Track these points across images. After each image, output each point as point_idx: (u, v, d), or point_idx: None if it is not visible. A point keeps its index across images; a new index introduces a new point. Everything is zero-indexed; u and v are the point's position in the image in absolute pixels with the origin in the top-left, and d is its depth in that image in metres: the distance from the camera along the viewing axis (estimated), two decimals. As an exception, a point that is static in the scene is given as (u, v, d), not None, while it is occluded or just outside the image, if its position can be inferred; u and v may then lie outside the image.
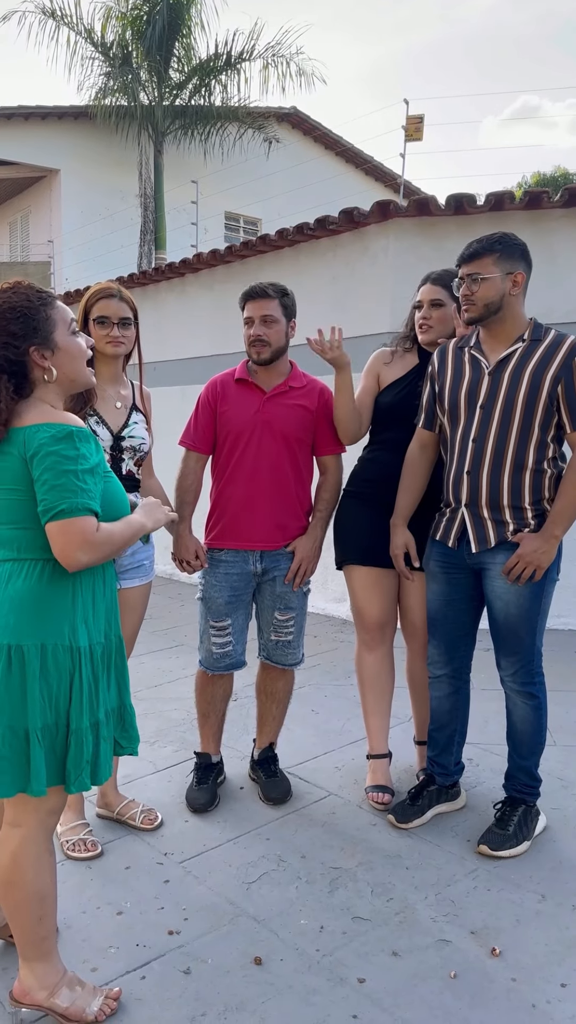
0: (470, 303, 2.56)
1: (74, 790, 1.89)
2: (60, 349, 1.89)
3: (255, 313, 2.85)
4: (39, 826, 1.94)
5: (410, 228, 5.18)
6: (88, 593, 1.93)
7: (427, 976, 2.15)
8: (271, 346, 2.84)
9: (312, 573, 2.97)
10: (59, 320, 1.90)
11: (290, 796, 3.08)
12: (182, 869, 2.65)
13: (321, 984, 2.12)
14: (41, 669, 1.82)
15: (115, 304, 2.74)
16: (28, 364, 1.85)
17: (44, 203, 17.45)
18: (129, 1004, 2.05)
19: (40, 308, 1.87)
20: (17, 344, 1.82)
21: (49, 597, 1.85)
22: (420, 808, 2.88)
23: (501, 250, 2.53)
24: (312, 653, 4.95)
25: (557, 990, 2.10)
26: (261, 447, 2.87)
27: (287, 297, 2.89)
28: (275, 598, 2.96)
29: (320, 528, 3.00)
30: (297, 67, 15.88)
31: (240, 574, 2.93)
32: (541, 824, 2.82)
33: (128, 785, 3.20)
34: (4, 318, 1.82)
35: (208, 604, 2.99)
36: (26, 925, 1.95)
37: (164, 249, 15.77)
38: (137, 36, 15.38)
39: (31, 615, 1.82)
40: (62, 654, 1.85)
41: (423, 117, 6.71)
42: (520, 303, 2.60)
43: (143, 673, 4.55)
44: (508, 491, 2.58)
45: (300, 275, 6.02)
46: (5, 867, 1.92)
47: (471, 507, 2.65)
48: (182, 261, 6.83)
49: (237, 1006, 2.05)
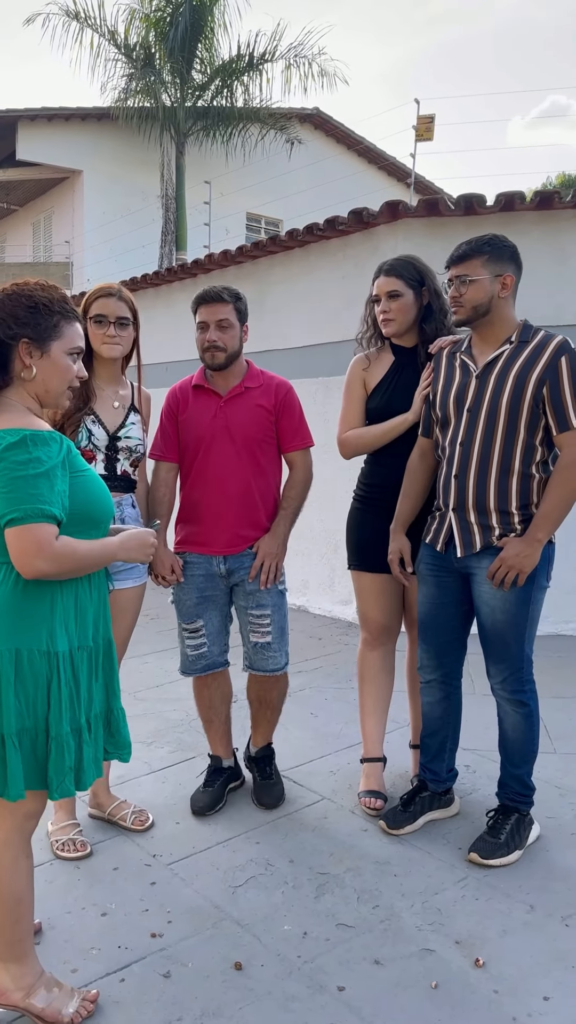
0: (458, 305, 2.54)
1: (56, 796, 1.88)
2: (50, 358, 1.88)
3: (209, 318, 2.80)
4: (16, 830, 1.93)
5: (419, 228, 5.15)
6: (70, 597, 1.91)
7: (408, 985, 2.12)
8: (226, 351, 2.81)
9: (277, 571, 2.89)
10: (66, 336, 1.90)
11: (283, 800, 3.05)
12: (170, 871, 2.64)
13: (301, 991, 2.10)
14: (16, 674, 1.81)
15: (113, 303, 2.72)
16: (12, 354, 1.85)
17: (67, 204, 17.56)
18: (106, 1007, 2.05)
19: (55, 314, 1.87)
20: (12, 328, 1.82)
21: (24, 602, 1.83)
22: (412, 814, 2.85)
23: (490, 252, 2.50)
24: (315, 655, 4.93)
25: (539, 1003, 2.06)
26: (220, 452, 2.84)
27: (240, 301, 2.86)
28: (247, 597, 2.91)
29: (284, 525, 2.92)
30: (319, 68, 15.88)
31: (205, 575, 2.91)
32: (534, 834, 2.78)
33: (122, 785, 3.19)
34: (15, 302, 1.84)
35: (179, 606, 2.98)
36: (2, 926, 1.94)
37: (185, 249, 15.82)
38: (160, 38, 15.43)
39: (7, 619, 1.81)
40: (38, 659, 1.83)
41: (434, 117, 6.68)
42: (510, 305, 2.57)
43: (146, 673, 4.55)
44: (495, 495, 2.54)
45: (311, 274, 6.01)
46: None
47: (458, 511, 2.62)
48: (194, 262, 6.85)
49: (214, 1011, 2.03)
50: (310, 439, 2.97)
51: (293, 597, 6.13)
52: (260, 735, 3.17)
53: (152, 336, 7.62)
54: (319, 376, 5.89)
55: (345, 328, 5.49)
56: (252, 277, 6.47)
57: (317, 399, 5.69)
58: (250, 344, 3.02)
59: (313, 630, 5.53)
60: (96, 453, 2.68)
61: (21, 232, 19.49)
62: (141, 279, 7.55)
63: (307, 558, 5.99)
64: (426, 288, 2.90)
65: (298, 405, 2.95)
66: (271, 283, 6.37)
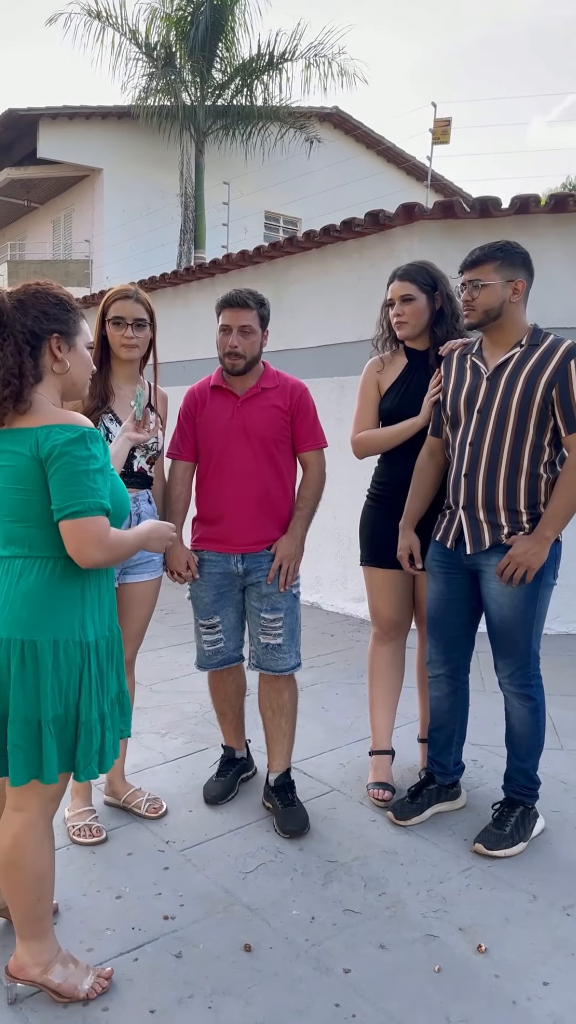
0: (471, 308, 2.60)
1: (83, 778, 1.97)
2: (76, 352, 1.99)
3: (233, 322, 2.83)
4: (41, 811, 2.01)
5: (435, 230, 5.20)
6: (95, 589, 2.01)
7: (412, 969, 2.19)
8: (246, 358, 2.85)
9: (295, 572, 2.93)
10: (83, 331, 2.02)
11: (308, 828, 2.88)
12: (182, 857, 2.71)
13: (307, 973, 2.17)
14: (53, 663, 1.90)
15: (131, 305, 2.80)
16: (43, 348, 1.93)
17: (87, 202, 17.69)
18: (120, 984, 2.12)
19: (75, 310, 2.00)
20: (45, 323, 1.91)
21: (60, 594, 1.92)
22: (419, 806, 2.91)
23: (502, 258, 2.56)
24: (328, 651, 5.00)
25: (539, 988, 2.12)
26: (237, 452, 2.88)
27: (264, 307, 2.89)
28: (261, 599, 2.92)
29: (301, 526, 2.96)
30: (339, 67, 15.91)
31: (223, 573, 2.95)
32: (539, 827, 2.84)
33: (137, 774, 3.28)
34: (44, 300, 1.93)
35: (196, 603, 3.02)
36: (24, 905, 2.02)
37: (203, 248, 15.90)
38: (181, 37, 15.51)
39: (43, 611, 1.90)
40: (72, 649, 1.92)
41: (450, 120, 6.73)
42: (520, 310, 2.63)
43: (160, 666, 4.63)
44: (504, 494, 2.61)
45: (327, 275, 6.07)
46: (7, 849, 1.99)
47: (468, 509, 2.68)
48: (212, 261, 6.92)
49: (224, 990, 2.11)
50: (324, 440, 3.02)
51: (306, 594, 6.20)
52: (278, 756, 3.05)
53: (170, 334, 7.70)
54: (334, 376, 5.95)
55: (360, 328, 5.56)
56: (269, 277, 6.54)
57: (332, 398, 5.76)
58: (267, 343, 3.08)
59: (326, 626, 5.60)
60: (114, 450, 2.76)
61: (41, 230, 19.65)
62: (160, 278, 7.63)
63: (320, 556, 6.05)
64: (439, 292, 2.97)
65: (313, 406, 3.00)
66: (288, 283, 6.44)
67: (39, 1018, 2.00)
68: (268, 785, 3.05)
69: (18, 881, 2.00)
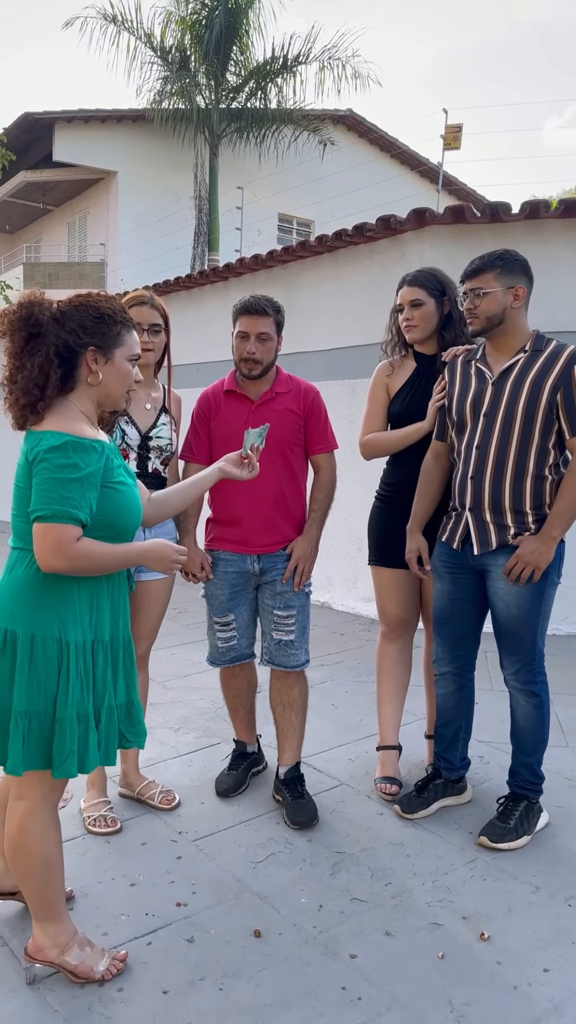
0: (473, 316, 2.68)
1: (57, 775, 2.01)
2: (114, 364, 2.05)
3: (251, 329, 2.89)
4: (42, 799, 2.08)
5: (446, 235, 5.27)
6: (85, 593, 2.04)
7: (416, 955, 2.26)
8: (262, 364, 2.91)
9: (310, 573, 3.01)
10: (127, 344, 2.07)
11: (316, 820, 2.95)
12: (195, 847, 2.79)
13: (315, 957, 2.25)
14: (30, 657, 1.96)
15: (146, 311, 2.88)
16: (79, 360, 2.01)
17: (102, 204, 17.82)
18: (134, 966, 2.20)
19: (118, 324, 2.04)
20: (81, 337, 1.98)
21: (43, 589, 1.98)
22: (426, 800, 2.98)
23: (502, 266, 2.64)
24: (338, 650, 5.08)
25: (540, 974, 2.19)
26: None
27: (280, 314, 2.96)
28: (275, 597, 3.00)
29: (315, 528, 3.03)
30: (353, 70, 15.99)
31: (239, 572, 3.02)
32: (543, 821, 2.90)
33: (151, 767, 3.36)
34: (83, 312, 2.00)
35: (210, 601, 3.09)
36: (34, 889, 2.10)
37: (217, 251, 16.00)
38: (195, 40, 15.63)
39: (25, 604, 1.97)
40: (51, 645, 1.98)
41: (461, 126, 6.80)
42: (522, 316, 2.70)
43: (174, 664, 4.72)
44: (510, 496, 2.68)
45: (339, 279, 6.15)
46: (13, 835, 2.08)
47: (474, 511, 2.75)
48: (226, 266, 7.01)
49: (234, 973, 2.18)
50: (335, 442, 3.09)
51: (317, 594, 6.28)
52: (288, 751, 3.12)
53: (183, 337, 7.78)
54: (345, 378, 6.03)
55: (372, 332, 5.62)
56: (282, 281, 6.63)
57: (344, 400, 5.83)
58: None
59: (336, 626, 5.68)
60: (129, 452, 2.85)
61: (57, 232, 19.80)
62: (174, 282, 7.73)
63: (331, 556, 6.12)
64: (447, 298, 3.04)
65: (324, 409, 3.06)
66: (300, 287, 6.52)
67: (56, 997, 2.09)
68: (278, 778, 3.13)
69: (26, 866, 2.08)
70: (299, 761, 3.14)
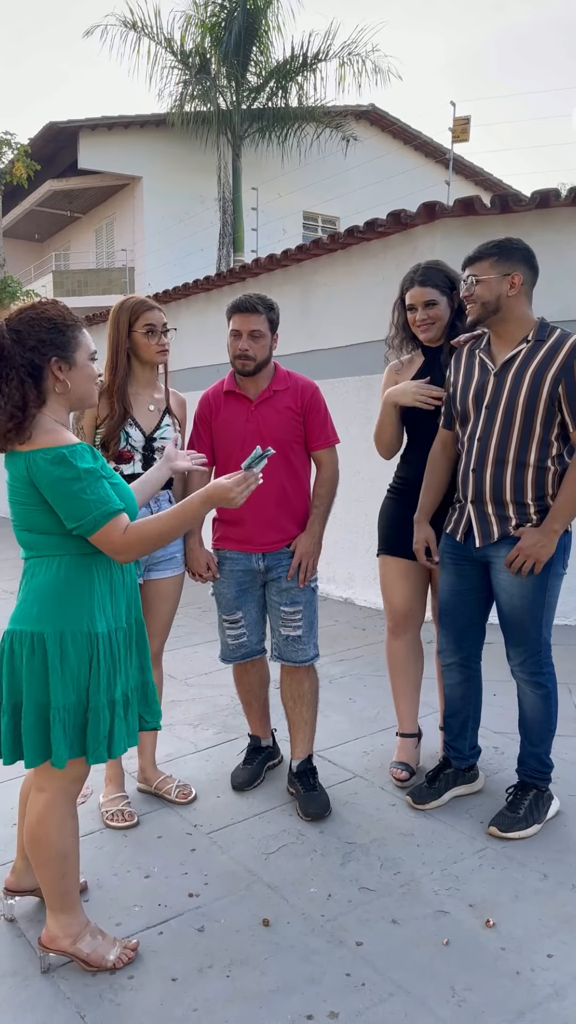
0: (471, 303, 2.68)
1: (91, 762, 2.11)
2: (77, 368, 2.10)
3: (243, 327, 2.93)
4: (62, 792, 2.16)
5: (456, 228, 5.27)
6: (105, 584, 2.13)
7: (422, 943, 2.29)
8: (255, 360, 2.94)
9: (314, 569, 3.04)
10: (82, 344, 2.11)
11: (329, 811, 2.99)
12: (209, 839, 2.85)
13: (321, 945, 2.29)
14: (61, 654, 2.04)
15: (158, 315, 2.93)
16: (45, 373, 2.05)
17: (127, 209, 18.01)
18: (145, 955, 2.26)
19: (70, 327, 2.08)
20: (44, 352, 2.03)
21: (66, 589, 2.06)
22: (437, 790, 3.01)
23: (498, 253, 2.64)
24: (359, 645, 5.10)
25: (543, 960, 2.21)
26: None
27: (273, 311, 2.99)
28: (281, 593, 3.04)
29: (319, 524, 3.06)
30: (373, 64, 15.95)
31: (244, 570, 3.06)
32: (553, 808, 2.91)
33: (169, 763, 3.43)
34: (37, 326, 2.03)
35: (219, 599, 3.14)
36: (50, 879, 2.17)
37: (242, 251, 16.07)
38: (215, 43, 15.70)
39: (51, 605, 2.05)
40: (81, 640, 2.06)
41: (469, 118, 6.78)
42: (522, 304, 2.68)
43: (195, 661, 4.79)
44: (511, 487, 2.68)
45: (353, 276, 6.17)
46: (32, 826, 2.15)
47: (476, 503, 2.76)
48: (242, 266, 7.07)
49: (242, 961, 2.23)
50: (335, 437, 3.12)
51: (339, 589, 6.31)
52: (300, 744, 3.16)
53: (204, 339, 7.88)
54: (363, 374, 6.04)
55: (386, 327, 5.62)
56: (297, 280, 6.66)
57: (360, 396, 5.85)
58: (296, 344, 3.17)
59: (358, 621, 5.70)
60: (134, 453, 2.91)
61: (85, 239, 20.06)
62: (193, 284, 7.81)
63: (353, 552, 6.15)
64: (456, 292, 3.05)
65: (323, 404, 3.09)
66: (316, 285, 6.55)
67: (69, 985, 2.15)
68: (291, 771, 3.17)
69: (43, 857, 2.15)
70: (311, 754, 3.18)
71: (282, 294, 6.88)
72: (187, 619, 5.54)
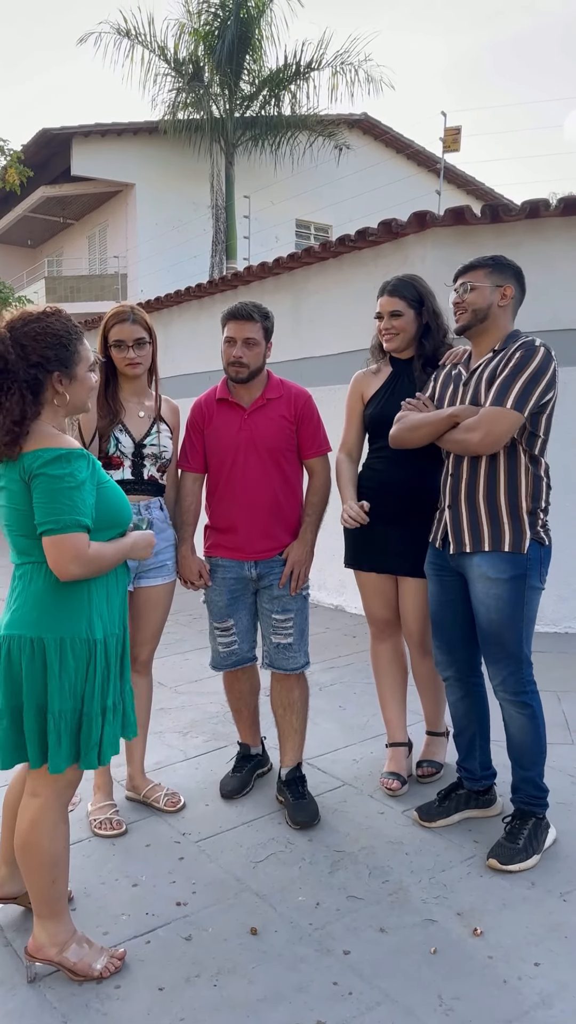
0: (461, 310, 2.71)
1: (83, 767, 2.13)
2: (77, 380, 2.12)
3: (237, 334, 2.94)
4: (56, 797, 2.16)
5: (447, 237, 5.29)
6: (102, 590, 2.15)
7: (409, 951, 2.29)
8: (249, 368, 2.95)
9: (306, 577, 3.05)
10: (84, 357, 2.13)
11: (318, 819, 2.98)
12: (197, 848, 2.84)
13: (309, 954, 2.28)
14: (60, 659, 2.05)
15: (128, 328, 2.90)
16: (45, 386, 2.07)
17: (120, 216, 18.03)
18: (132, 964, 2.26)
19: (73, 341, 2.10)
20: (48, 368, 2.05)
21: (66, 595, 2.08)
22: (446, 809, 2.95)
23: (493, 265, 2.70)
24: (349, 652, 5.11)
25: (530, 968, 2.21)
26: (247, 464, 2.98)
27: (268, 320, 2.99)
28: (273, 601, 3.04)
29: (311, 532, 3.07)
30: (366, 74, 16.04)
31: (236, 578, 3.06)
32: (551, 837, 2.81)
33: (159, 771, 3.42)
34: (43, 342, 2.04)
35: (210, 606, 3.14)
36: (41, 886, 2.17)
37: (235, 258, 16.10)
38: (208, 51, 15.76)
39: (51, 611, 2.06)
40: (80, 646, 2.08)
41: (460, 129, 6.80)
42: (507, 317, 2.73)
43: (186, 669, 4.79)
44: (484, 492, 2.69)
45: (344, 284, 6.18)
46: (24, 831, 2.15)
47: (452, 508, 2.78)
48: (234, 274, 7.08)
49: (229, 970, 2.23)
50: (328, 445, 3.13)
51: (331, 597, 6.31)
52: (289, 751, 3.16)
53: (196, 345, 7.89)
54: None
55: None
56: (289, 288, 6.68)
57: (352, 404, 5.86)
58: (287, 352, 3.18)
59: (348, 628, 5.70)
60: (123, 460, 2.91)
61: (77, 245, 20.07)
62: (185, 291, 7.82)
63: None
64: (425, 308, 3.07)
65: (316, 413, 3.10)
66: (308, 293, 6.56)
67: (56, 994, 2.15)
68: (280, 779, 3.16)
69: (34, 862, 2.15)
70: (300, 762, 3.17)
71: (274, 302, 6.89)
72: (177, 626, 5.53)
